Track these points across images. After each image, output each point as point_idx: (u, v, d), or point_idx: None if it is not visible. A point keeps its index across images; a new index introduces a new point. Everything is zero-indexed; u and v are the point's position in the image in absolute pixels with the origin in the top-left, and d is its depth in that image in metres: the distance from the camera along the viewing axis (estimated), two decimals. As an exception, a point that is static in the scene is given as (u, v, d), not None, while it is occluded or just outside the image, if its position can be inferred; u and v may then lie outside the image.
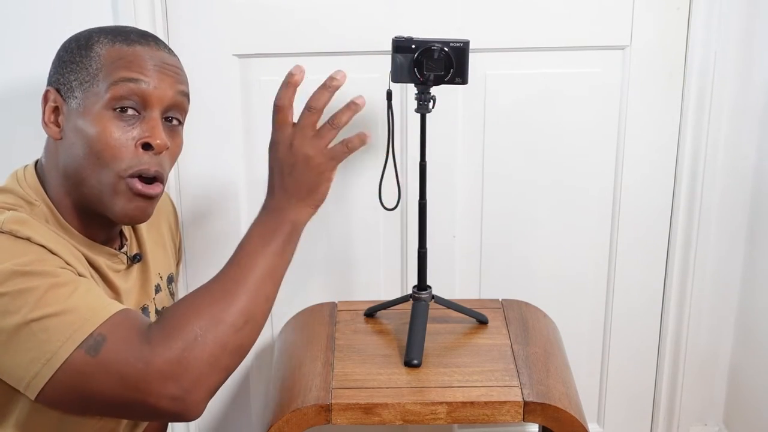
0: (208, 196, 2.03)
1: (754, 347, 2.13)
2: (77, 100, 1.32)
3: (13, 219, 1.26)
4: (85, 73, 1.32)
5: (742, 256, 2.13)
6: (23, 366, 1.20)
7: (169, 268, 1.59)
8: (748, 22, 1.96)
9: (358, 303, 1.97)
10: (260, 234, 1.33)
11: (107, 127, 1.31)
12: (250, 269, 1.29)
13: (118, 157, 1.31)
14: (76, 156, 1.32)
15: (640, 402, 2.26)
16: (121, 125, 1.31)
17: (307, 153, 1.34)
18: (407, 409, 1.63)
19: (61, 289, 1.21)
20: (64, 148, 1.33)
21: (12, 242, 1.23)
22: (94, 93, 1.31)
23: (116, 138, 1.31)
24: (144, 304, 1.49)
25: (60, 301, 1.20)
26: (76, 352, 1.18)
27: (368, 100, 1.96)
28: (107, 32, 1.36)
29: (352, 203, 2.05)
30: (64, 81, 1.34)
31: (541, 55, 1.98)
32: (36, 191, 1.35)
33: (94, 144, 1.30)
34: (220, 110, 1.97)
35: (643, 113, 2.02)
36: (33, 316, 1.19)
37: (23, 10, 1.80)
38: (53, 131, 1.35)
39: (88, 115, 1.31)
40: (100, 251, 1.38)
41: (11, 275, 1.20)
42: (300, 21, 1.92)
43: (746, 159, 2.05)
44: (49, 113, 1.35)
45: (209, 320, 1.22)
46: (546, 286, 2.13)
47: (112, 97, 1.31)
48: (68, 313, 1.20)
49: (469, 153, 2.04)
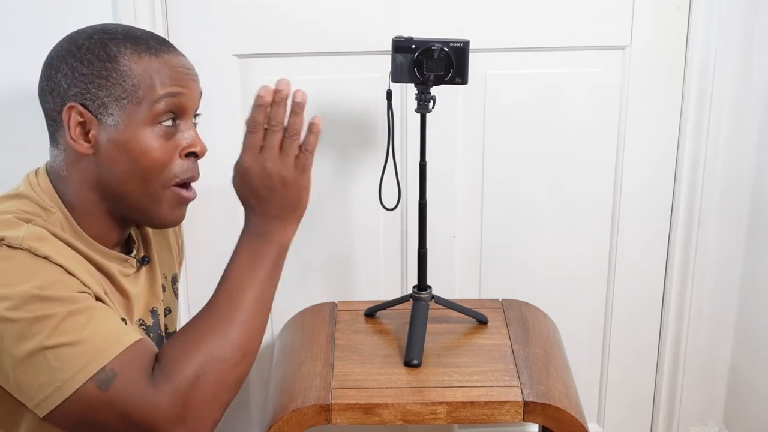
0: (208, 196, 2.03)
1: (754, 347, 2.13)
2: (114, 117, 1.31)
3: (33, 235, 1.25)
4: (120, 89, 1.31)
5: (742, 256, 2.13)
6: (34, 388, 1.22)
7: (173, 269, 1.59)
8: (748, 22, 1.96)
9: (358, 303, 1.97)
10: (248, 261, 1.32)
11: (152, 142, 1.32)
12: (242, 300, 1.30)
13: (165, 170, 1.34)
14: (119, 171, 1.32)
15: (640, 402, 2.26)
16: (164, 138, 1.33)
17: (282, 174, 1.31)
18: (407, 409, 1.63)
19: (78, 316, 1.22)
20: (101, 164, 1.33)
21: (31, 261, 1.23)
22: (134, 111, 1.31)
23: (162, 152, 1.33)
24: (154, 306, 1.49)
25: (76, 330, 1.21)
26: (87, 384, 1.20)
27: (368, 100, 1.98)
28: (122, 39, 1.33)
29: (352, 203, 2.05)
30: (91, 96, 1.31)
31: (541, 55, 1.98)
32: (51, 197, 1.34)
33: (141, 160, 1.31)
34: (220, 110, 1.97)
35: (643, 113, 2.02)
36: (48, 344, 1.20)
37: (23, 10, 1.80)
38: (83, 147, 1.32)
39: (131, 131, 1.31)
40: (112, 257, 1.39)
41: (30, 299, 1.21)
42: (300, 21, 1.92)
43: (746, 159, 2.05)
44: (76, 131, 1.32)
45: (208, 358, 1.24)
46: (546, 286, 2.13)
47: (156, 114, 1.32)
48: (83, 343, 1.21)
49: (469, 153, 2.04)
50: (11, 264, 1.23)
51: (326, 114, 1.98)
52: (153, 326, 1.48)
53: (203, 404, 1.23)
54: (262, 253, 1.32)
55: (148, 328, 1.47)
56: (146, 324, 1.47)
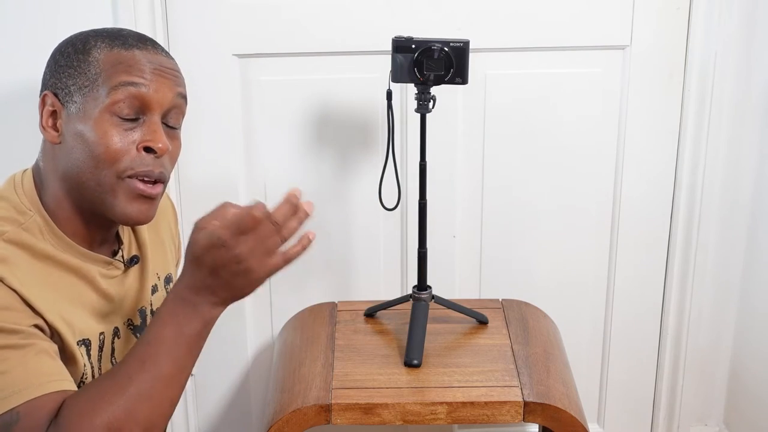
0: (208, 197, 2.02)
1: (754, 347, 2.13)
2: (77, 104, 1.32)
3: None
4: (84, 77, 1.32)
5: (742, 256, 2.13)
6: None
7: (167, 269, 1.59)
8: (748, 22, 1.96)
9: (358, 303, 1.97)
10: (171, 330, 1.23)
11: (108, 131, 1.31)
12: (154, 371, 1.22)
13: (118, 160, 1.31)
14: (76, 160, 1.32)
15: (640, 402, 2.26)
16: (121, 129, 1.31)
17: (251, 266, 1.22)
18: (407, 409, 1.63)
19: (9, 352, 1.21)
20: (64, 152, 1.33)
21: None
22: (93, 98, 1.31)
23: (117, 142, 1.31)
24: (142, 305, 1.48)
25: (2, 364, 1.20)
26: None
27: (368, 100, 1.98)
28: (104, 36, 1.35)
29: (352, 203, 2.05)
30: (61, 85, 1.33)
31: (541, 55, 1.98)
32: (31, 199, 1.34)
33: (94, 148, 1.30)
34: (220, 110, 1.97)
35: (643, 113, 2.02)
36: None
37: (23, 10, 1.80)
38: (51, 135, 1.34)
39: (89, 119, 1.31)
40: (94, 260, 1.38)
41: None
42: (300, 21, 1.92)
43: (746, 158, 2.05)
44: (46, 117, 1.34)
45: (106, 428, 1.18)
46: (546, 286, 2.13)
47: (112, 102, 1.31)
48: (3, 375, 1.20)
49: (469, 153, 2.04)
50: None
51: (326, 114, 1.99)
52: (140, 326, 1.48)
53: None
54: (186, 324, 1.24)
55: (136, 328, 1.47)
56: (134, 324, 1.47)
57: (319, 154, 2.02)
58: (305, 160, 2.01)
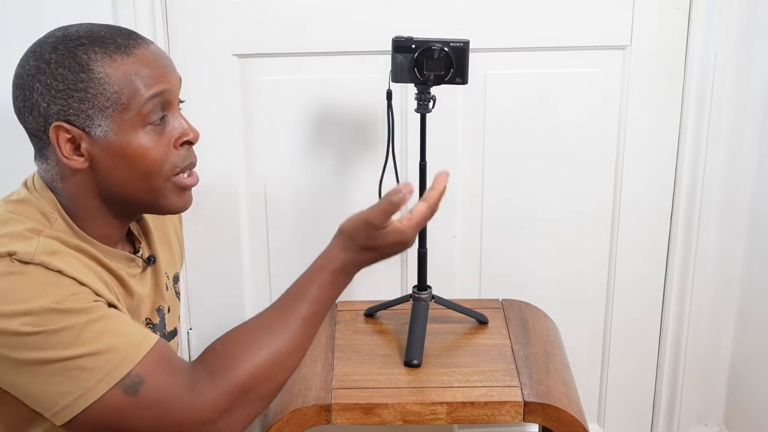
0: (208, 196, 2.03)
1: (754, 347, 2.13)
2: (102, 127, 1.29)
3: (45, 249, 1.25)
4: (102, 98, 1.28)
5: (742, 256, 2.13)
6: (51, 398, 1.22)
7: (174, 268, 1.59)
8: (748, 22, 1.96)
9: (358, 303, 1.97)
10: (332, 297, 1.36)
11: (146, 143, 1.31)
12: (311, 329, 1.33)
13: (163, 165, 1.33)
14: (119, 177, 1.32)
15: (640, 402, 2.26)
16: (155, 136, 1.32)
17: (409, 243, 1.36)
18: (407, 410, 1.63)
19: (95, 325, 1.23)
20: (99, 174, 1.32)
21: (45, 275, 1.23)
22: (121, 117, 1.29)
23: (158, 150, 1.32)
24: (159, 305, 1.49)
25: (95, 339, 1.22)
26: (112, 390, 1.22)
27: (368, 100, 1.98)
28: (90, 44, 1.29)
29: (352, 203, 2.04)
30: (74, 111, 1.28)
31: (541, 55, 1.98)
32: (50, 202, 1.34)
33: (139, 162, 1.31)
34: (220, 110, 1.97)
35: (643, 113, 2.02)
36: (67, 355, 1.21)
37: (23, 10, 1.80)
38: (77, 163, 1.31)
39: (123, 137, 1.30)
40: (118, 258, 1.39)
41: (47, 313, 1.21)
42: (300, 21, 1.92)
43: (746, 158, 2.05)
44: (67, 148, 1.30)
45: (253, 368, 1.26)
46: (546, 286, 2.13)
47: (146, 115, 1.30)
48: (103, 352, 1.22)
49: (469, 153, 2.04)
50: (25, 280, 1.22)
51: (326, 114, 1.99)
52: (159, 325, 1.48)
53: (241, 417, 1.27)
54: (337, 287, 1.36)
55: (155, 327, 1.48)
56: (153, 323, 1.48)
57: (319, 154, 2.02)
58: (305, 160, 2.01)
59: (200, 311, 2.12)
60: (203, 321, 2.12)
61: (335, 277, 1.35)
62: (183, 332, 2.11)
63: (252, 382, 1.26)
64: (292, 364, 1.31)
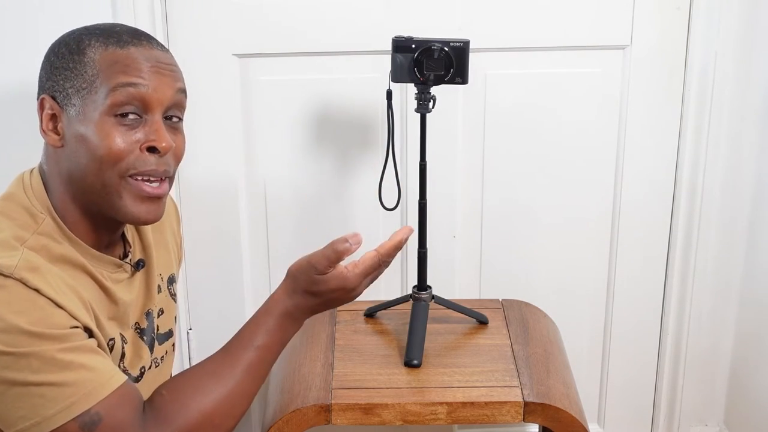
0: (208, 196, 2.03)
1: (754, 347, 2.13)
2: (76, 107, 1.30)
3: (26, 265, 1.24)
4: (81, 79, 1.30)
5: (742, 256, 2.13)
6: (10, 418, 1.23)
7: (170, 269, 1.58)
8: (748, 22, 1.96)
9: (358, 303, 1.96)
10: (279, 343, 1.38)
11: (109, 132, 1.29)
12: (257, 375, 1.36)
13: (121, 160, 1.30)
14: (80, 163, 1.31)
15: (640, 402, 2.26)
16: (123, 130, 1.30)
17: (359, 293, 1.41)
18: (407, 410, 1.62)
19: (66, 355, 1.23)
20: (66, 156, 1.32)
21: (22, 292, 1.23)
22: (92, 100, 1.30)
23: (120, 143, 1.30)
24: (148, 308, 1.48)
25: (62, 370, 1.23)
26: (70, 423, 1.23)
27: (368, 100, 1.98)
28: (98, 34, 1.33)
29: (352, 203, 2.05)
30: (59, 88, 1.31)
31: (541, 55, 1.98)
32: (41, 200, 1.33)
33: (97, 150, 1.29)
34: (220, 110, 1.97)
35: (643, 113, 2.02)
36: (33, 380, 1.22)
37: (23, 10, 1.80)
38: (53, 139, 1.33)
39: (89, 122, 1.30)
40: (105, 264, 1.38)
41: (20, 333, 1.21)
42: (300, 21, 1.92)
43: (746, 158, 2.05)
44: (46, 121, 1.33)
45: (199, 415, 1.30)
46: (546, 286, 2.13)
47: (113, 104, 1.29)
48: (69, 385, 1.23)
49: (469, 153, 2.04)
50: (3, 294, 1.22)
51: (326, 114, 1.99)
52: (147, 329, 1.48)
53: None
54: (283, 332, 1.38)
55: (143, 331, 1.47)
56: (141, 327, 1.47)
57: (319, 154, 2.02)
58: (305, 160, 2.01)
59: (200, 311, 2.12)
60: (203, 321, 2.12)
61: (281, 323, 1.37)
62: (183, 332, 2.10)
63: (198, 428, 1.29)
64: (238, 411, 1.34)
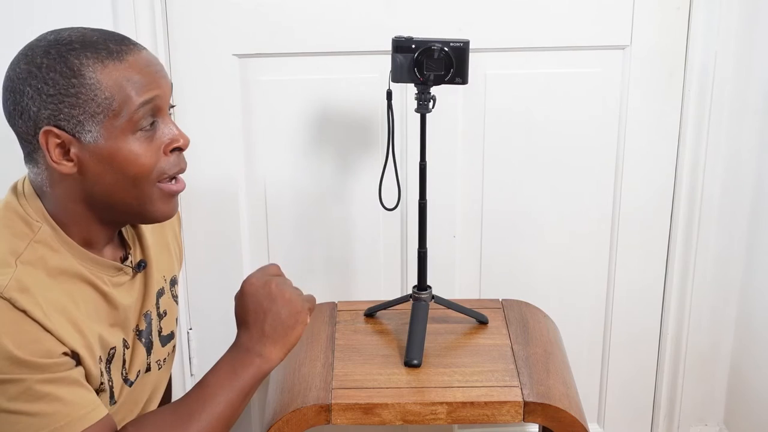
0: (208, 196, 2.03)
1: (754, 347, 2.13)
2: (92, 133, 1.28)
3: (16, 286, 1.24)
4: (93, 104, 1.27)
5: (742, 256, 2.13)
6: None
7: (172, 270, 1.58)
8: (748, 22, 1.96)
9: (358, 303, 1.97)
10: (227, 372, 1.38)
11: (136, 149, 1.30)
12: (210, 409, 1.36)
13: (152, 170, 1.31)
14: (107, 183, 1.31)
15: (640, 402, 2.26)
16: (145, 142, 1.31)
17: (288, 296, 1.41)
18: (407, 409, 1.62)
19: (45, 386, 1.23)
20: (88, 179, 1.31)
21: (9, 313, 1.22)
22: (111, 124, 1.28)
23: (148, 156, 1.30)
24: (147, 310, 1.48)
25: (39, 401, 1.23)
26: None
27: (368, 100, 1.98)
28: (82, 49, 1.28)
29: (352, 203, 2.05)
30: (64, 116, 1.27)
31: (541, 55, 1.98)
32: (36, 208, 1.33)
33: (129, 169, 1.30)
34: (220, 110, 1.97)
35: (643, 113, 2.02)
36: (7, 407, 1.22)
37: (23, 10, 1.80)
38: (66, 168, 1.30)
39: (113, 144, 1.29)
40: (105, 268, 1.37)
41: (2, 357, 1.21)
42: (300, 21, 1.92)
43: (746, 158, 2.05)
44: (56, 153, 1.29)
45: None
46: (546, 286, 2.13)
47: (137, 121, 1.29)
48: (42, 416, 1.23)
49: (469, 153, 2.04)
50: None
51: (326, 114, 1.99)
52: (145, 331, 1.48)
53: None
54: (242, 369, 1.38)
55: (141, 333, 1.47)
56: (140, 329, 1.47)
57: (319, 154, 2.02)
58: (305, 160, 2.01)
59: (200, 312, 2.12)
60: (203, 321, 2.12)
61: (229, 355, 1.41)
62: (183, 332, 2.11)
63: None
64: None
